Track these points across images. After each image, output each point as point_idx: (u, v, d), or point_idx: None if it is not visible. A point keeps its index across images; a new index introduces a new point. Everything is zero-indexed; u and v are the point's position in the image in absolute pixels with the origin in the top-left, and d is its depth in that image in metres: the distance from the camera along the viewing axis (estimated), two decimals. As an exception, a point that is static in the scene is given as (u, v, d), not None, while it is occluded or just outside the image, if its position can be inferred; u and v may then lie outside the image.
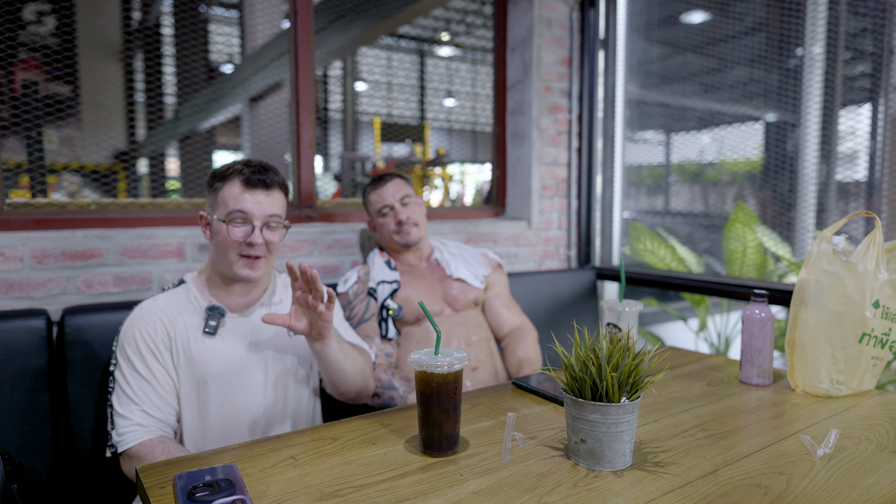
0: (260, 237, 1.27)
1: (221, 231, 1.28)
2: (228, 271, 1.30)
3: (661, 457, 0.95)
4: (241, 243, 1.28)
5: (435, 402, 0.94)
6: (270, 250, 1.32)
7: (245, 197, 1.27)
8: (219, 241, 1.29)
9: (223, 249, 1.29)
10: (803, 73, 2.64)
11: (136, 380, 1.24)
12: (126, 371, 1.25)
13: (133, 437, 1.20)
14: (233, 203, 1.27)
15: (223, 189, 1.29)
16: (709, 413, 1.16)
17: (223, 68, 5.36)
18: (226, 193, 1.28)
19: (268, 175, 1.30)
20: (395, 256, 1.84)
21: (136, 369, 1.24)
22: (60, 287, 1.66)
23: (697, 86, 3.10)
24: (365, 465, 0.92)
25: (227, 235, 1.27)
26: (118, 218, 1.82)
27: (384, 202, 1.79)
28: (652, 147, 3.25)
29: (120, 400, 1.23)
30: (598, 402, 0.88)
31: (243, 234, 1.27)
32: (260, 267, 1.31)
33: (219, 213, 1.28)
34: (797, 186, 2.67)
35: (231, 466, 0.89)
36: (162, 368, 1.25)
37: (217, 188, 1.30)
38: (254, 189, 1.28)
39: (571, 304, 2.44)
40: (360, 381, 1.38)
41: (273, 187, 1.31)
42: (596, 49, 2.68)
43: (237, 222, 1.27)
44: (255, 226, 1.28)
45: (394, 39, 7.75)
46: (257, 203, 1.28)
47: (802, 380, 1.28)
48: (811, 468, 0.91)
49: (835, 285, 1.23)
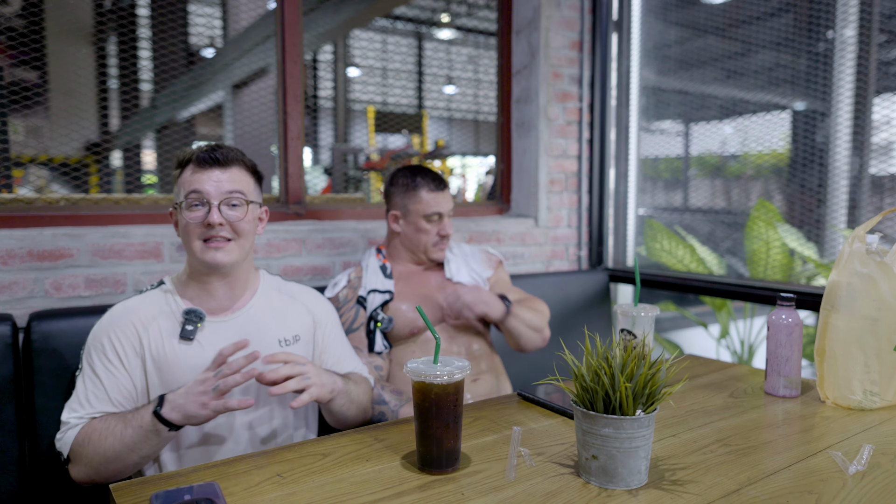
0: (218, 216, 1.25)
1: (182, 219, 1.28)
2: (197, 263, 1.30)
3: (679, 474, 0.95)
4: (201, 226, 1.27)
5: (434, 416, 0.94)
6: (238, 232, 1.29)
7: (199, 177, 1.27)
8: (184, 233, 1.29)
9: (187, 239, 1.29)
10: (834, 58, 2.64)
11: (94, 385, 1.24)
12: (87, 377, 1.25)
13: (71, 435, 1.20)
14: (187, 185, 1.27)
15: (181, 176, 1.30)
16: (731, 427, 1.16)
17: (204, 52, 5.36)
18: (182, 179, 1.29)
19: (221, 152, 1.29)
20: (397, 260, 1.82)
21: (98, 375, 1.24)
22: (27, 290, 1.66)
23: (719, 71, 3.10)
24: (358, 484, 0.92)
25: (188, 222, 1.27)
26: (90, 215, 1.82)
27: (439, 209, 1.75)
28: (669, 138, 3.25)
29: (72, 405, 1.23)
30: (610, 416, 0.88)
31: (202, 214, 1.26)
32: (230, 251, 1.28)
33: (179, 203, 1.29)
34: (827, 181, 2.67)
35: (212, 485, 0.89)
36: (127, 375, 1.25)
37: (176, 176, 1.32)
38: (208, 168, 1.28)
39: (582, 308, 2.44)
40: (360, 418, 1.42)
41: (230, 164, 1.30)
42: (609, 31, 2.68)
43: (195, 205, 1.27)
44: (212, 205, 1.26)
45: (389, 21, 7.75)
46: (212, 181, 1.27)
47: (833, 391, 1.28)
48: (842, 487, 0.91)
49: (868, 288, 1.23)
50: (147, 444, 1.14)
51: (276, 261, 2.00)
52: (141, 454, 1.16)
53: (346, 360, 1.49)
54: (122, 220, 1.86)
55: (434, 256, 1.78)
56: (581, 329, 2.33)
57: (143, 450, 1.15)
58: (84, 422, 1.21)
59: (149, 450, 1.16)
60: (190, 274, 1.34)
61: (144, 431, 1.12)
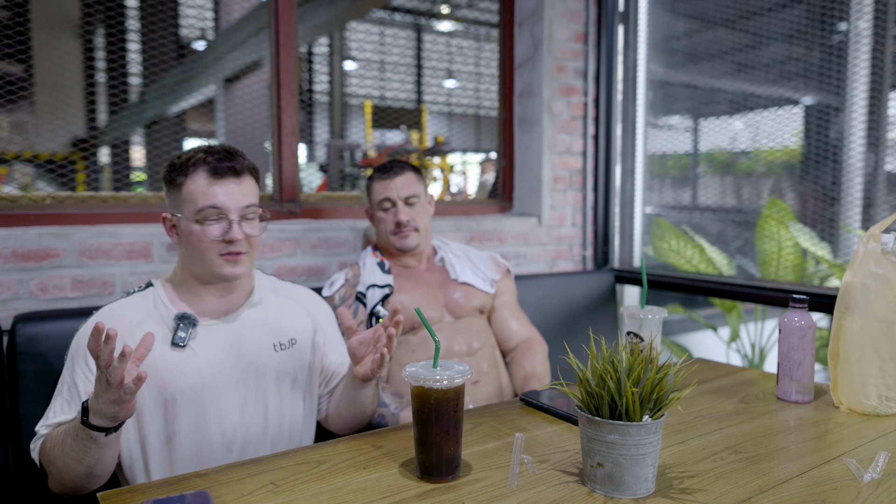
0: (240, 232, 1.27)
1: (194, 232, 1.26)
2: (208, 274, 1.30)
3: (687, 482, 0.95)
4: (220, 242, 1.27)
5: (433, 421, 0.94)
6: (252, 244, 1.32)
7: (214, 190, 1.26)
8: (192, 244, 1.28)
9: (199, 252, 1.28)
10: (848, 51, 2.64)
11: (70, 394, 1.23)
12: (66, 385, 1.24)
13: (37, 446, 1.21)
14: (202, 199, 1.26)
15: (186, 183, 1.27)
16: (742, 433, 1.16)
17: (195, 45, 5.36)
18: (191, 188, 1.26)
19: (235, 161, 1.29)
20: (390, 258, 1.84)
21: (76, 384, 1.23)
22: (11, 291, 1.66)
23: (729, 65, 3.10)
24: (354, 493, 0.92)
25: (203, 236, 1.26)
26: (76, 214, 1.82)
27: (387, 194, 1.78)
28: (677, 134, 3.25)
29: (46, 414, 1.23)
30: (617, 422, 0.88)
31: (220, 231, 1.27)
32: (244, 263, 1.30)
33: (186, 212, 1.27)
34: (841, 178, 2.67)
35: (204, 494, 0.89)
36: None
37: (179, 183, 1.28)
38: (222, 179, 1.27)
39: (587, 310, 2.44)
40: (367, 419, 1.43)
41: (243, 174, 1.30)
42: (615, 23, 2.68)
43: (211, 220, 1.26)
44: (231, 220, 1.27)
45: (387, 13, 7.76)
46: (229, 194, 1.27)
47: (847, 396, 1.28)
48: (857, 495, 0.91)
49: (884, 289, 1.23)
50: (89, 453, 1.10)
51: (270, 261, 2.00)
52: (87, 464, 1.11)
53: (348, 361, 1.49)
54: (110, 218, 1.86)
55: (398, 245, 1.79)
56: (586, 332, 2.33)
57: (87, 459, 1.10)
58: (48, 429, 1.21)
59: (93, 459, 1.11)
60: (186, 279, 1.34)
61: (81, 441, 1.08)
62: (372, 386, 1.33)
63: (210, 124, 6.58)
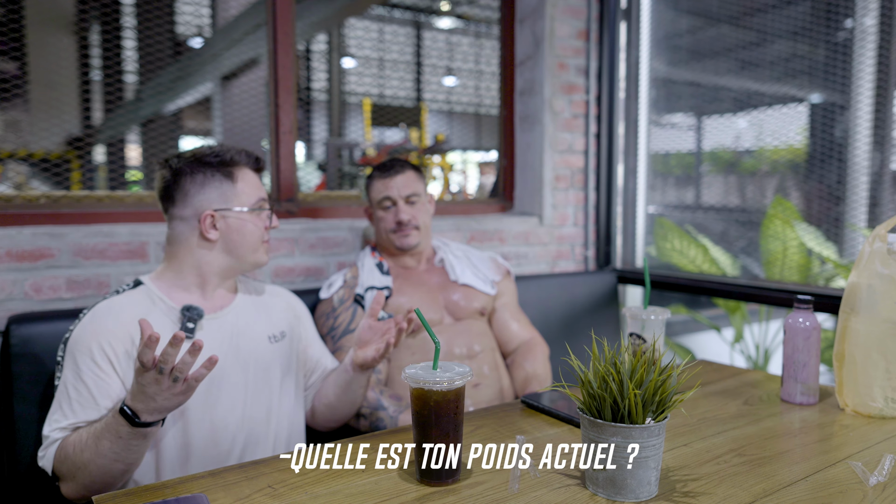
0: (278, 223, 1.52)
1: (252, 222, 1.42)
2: (247, 265, 1.42)
3: (691, 486, 0.95)
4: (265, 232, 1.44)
5: (433, 424, 0.94)
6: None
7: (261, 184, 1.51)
8: (246, 233, 1.40)
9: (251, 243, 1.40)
10: (854, 48, 2.64)
11: (79, 392, 1.23)
12: (70, 384, 1.24)
13: (52, 452, 1.20)
14: (256, 192, 1.43)
15: (242, 177, 1.42)
16: (746, 436, 1.16)
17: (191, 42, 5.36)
18: (249, 182, 1.43)
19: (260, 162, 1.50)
20: (389, 258, 1.84)
21: (84, 380, 1.23)
22: (5, 292, 1.66)
23: (733, 62, 3.10)
24: (352, 496, 0.92)
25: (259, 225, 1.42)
26: (71, 213, 1.82)
27: (387, 193, 1.79)
28: (681, 132, 3.26)
29: (53, 416, 1.23)
30: (619, 424, 0.88)
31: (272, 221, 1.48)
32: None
33: (244, 205, 1.40)
34: (846, 177, 2.67)
35: (200, 497, 0.89)
36: (117, 378, 1.24)
37: (236, 178, 1.43)
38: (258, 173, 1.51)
39: (589, 311, 2.44)
40: (357, 406, 1.49)
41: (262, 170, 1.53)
42: (617, 20, 2.68)
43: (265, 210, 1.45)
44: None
45: (386, 9, 7.76)
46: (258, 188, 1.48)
47: (853, 398, 1.28)
48: (863, 499, 0.91)
49: (890, 290, 1.23)
50: (134, 451, 1.14)
51: (268, 261, 2.00)
52: (128, 461, 1.15)
53: (328, 354, 1.57)
54: (106, 218, 1.86)
55: (399, 244, 1.79)
56: (588, 333, 2.33)
57: (130, 457, 1.15)
58: (66, 433, 1.21)
59: (136, 454, 1.15)
60: (183, 275, 1.35)
61: (125, 441, 1.11)
62: (367, 376, 1.40)
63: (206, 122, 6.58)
